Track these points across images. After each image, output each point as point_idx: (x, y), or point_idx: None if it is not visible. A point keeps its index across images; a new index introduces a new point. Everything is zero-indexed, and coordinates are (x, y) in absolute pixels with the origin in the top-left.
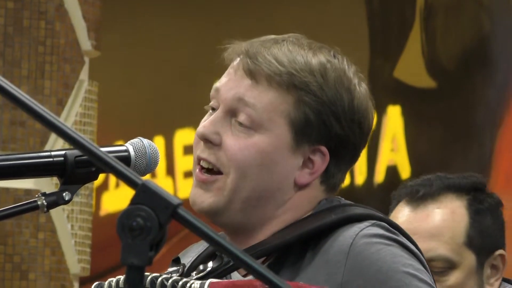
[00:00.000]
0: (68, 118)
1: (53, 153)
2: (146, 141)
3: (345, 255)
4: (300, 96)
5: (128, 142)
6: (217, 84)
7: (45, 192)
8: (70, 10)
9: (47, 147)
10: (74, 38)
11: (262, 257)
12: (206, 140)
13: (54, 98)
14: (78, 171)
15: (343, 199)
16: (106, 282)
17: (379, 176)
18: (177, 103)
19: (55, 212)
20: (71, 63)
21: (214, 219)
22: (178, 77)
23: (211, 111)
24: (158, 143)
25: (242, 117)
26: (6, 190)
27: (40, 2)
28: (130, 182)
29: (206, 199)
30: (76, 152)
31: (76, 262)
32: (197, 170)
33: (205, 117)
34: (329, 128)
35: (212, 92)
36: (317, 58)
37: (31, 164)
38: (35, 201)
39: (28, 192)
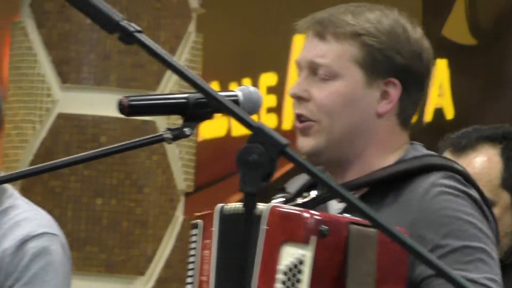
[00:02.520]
0: (179, 62)
1: (178, 95)
2: (252, 88)
3: (420, 198)
4: (363, 40)
5: (238, 88)
6: (297, 59)
7: (170, 128)
8: None
9: (160, 86)
10: None
11: (352, 190)
12: (298, 97)
13: (167, 46)
14: (197, 111)
15: (424, 148)
16: (227, 205)
17: (428, 116)
18: (262, 51)
19: None
20: (182, 18)
21: (316, 158)
22: (263, 30)
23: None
24: (246, 84)
25: (320, 72)
26: (126, 120)
27: None
28: (247, 124)
29: (308, 143)
30: (196, 95)
31: (182, 180)
32: (297, 123)
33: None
34: (393, 60)
35: (296, 66)
36: (373, 12)
37: (163, 104)
38: (162, 135)
39: (145, 122)
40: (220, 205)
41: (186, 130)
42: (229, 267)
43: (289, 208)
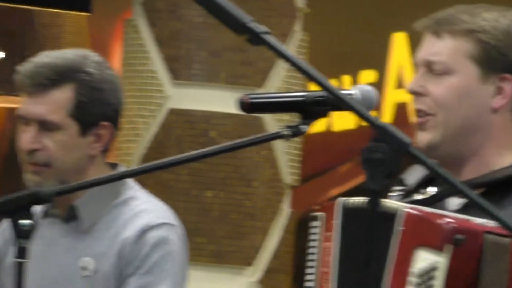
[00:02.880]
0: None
1: (296, 94)
2: (368, 86)
3: None
4: (478, 37)
5: (355, 87)
6: (415, 59)
7: (288, 125)
8: None
9: (268, 83)
10: None
11: (472, 188)
12: (415, 93)
13: None
14: (314, 109)
15: None
16: (351, 200)
17: None
18: (361, 48)
19: None
20: (288, 17)
21: (432, 153)
22: (363, 27)
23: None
24: (346, 81)
25: (436, 68)
26: (235, 115)
27: None
28: (371, 123)
29: (424, 137)
30: (313, 94)
31: (288, 174)
32: (416, 118)
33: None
34: (509, 58)
35: (414, 64)
36: (490, 12)
37: (282, 102)
38: (280, 132)
39: (253, 118)
40: (342, 198)
41: (303, 128)
42: (352, 261)
43: (425, 212)
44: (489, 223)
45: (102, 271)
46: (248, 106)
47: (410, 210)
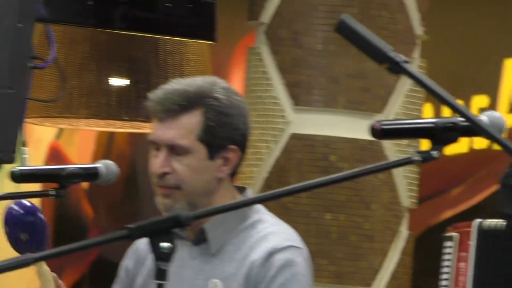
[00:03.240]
0: (404, 88)
1: (426, 120)
2: (496, 113)
3: None
4: None
5: (483, 113)
6: None
7: (419, 150)
8: (408, 4)
9: (386, 109)
10: (409, 26)
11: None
12: None
13: None
14: (444, 135)
15: None
16: (486, 221)
17: None
18: (474, 73)
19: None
20: (407, 44)
21: None
22: (475, 52)
23: None
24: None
25: None
26: (354, 140)
27: None
28: (508, 148)
29: None
30: (442, 120)
31: (406, 197)
32: None
33: None
34: None
35: None
36: None
37: (412, 129)
38: (411, 157)
39: (371, 143)
40: (477, 220)
41: (434, 153)
42: (488, 281)
43: None
44: None
45: None
46: (380, 132)
47: None
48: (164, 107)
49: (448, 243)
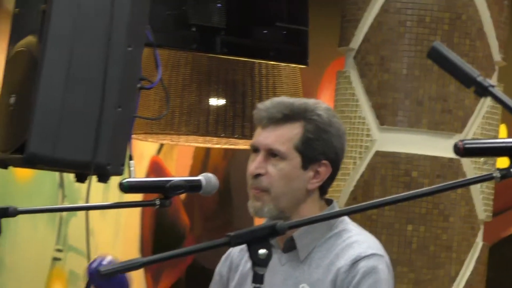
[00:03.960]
0: (482, 109)
1: (506, 140)
2: None
3: None
4: None
5: None
6: None
7: (499, 168)
8: (488, 32)
9: (465, 129)
10: (488, 53)
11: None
12: None
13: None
14: None
15: None
16: None
17: None
18: None
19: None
20: (486, 70)
21: None
22: None
23: None
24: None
25: None
26: (435, 158)
27: (466, 26)
28: None
29: None
30: None
31: (482, 211)
32: None
33: None
34: None
35: None
36: None
37: (493, 147)
38: (491, 174)
39: (451, 160)
40: None
41: None
42: None
43: None
44: None
45: None
46: (462, 151)
47: None
48: (269, 115)
49: None
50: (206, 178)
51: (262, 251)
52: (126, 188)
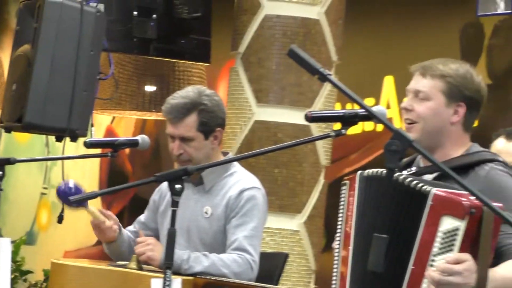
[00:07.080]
0: (324, 92)
1: (339, 111)
2: (381, 106)
3: (484, 177)
4: (446, 79)
5: (374, 106)
6: (408, 87)
7: (334, 129)
8: (328, 42)
9: (313, 106)
10: (329, 55)
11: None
12: (406, 109)
13: None
14: (349, 120)
15: (479, 146)
16: (366, 171)
17: None
18: (366, 85)
19: None
20: (327, 66)
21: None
22: (369, 72)
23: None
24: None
25: (420, 95)
26: (294, 124)
27: (314, 37)
28: (389, 128)
29: (412, 135)
30: (348, 111)
31: (324, 159)
32: (405, 124)
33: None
34: (463, 92)
35: (406, 91)
36: (454, 63)
37: (332, 116)
38: (329, 133)
39: (305, 126)
40: (360, 171)
41: (343, 131)
42: (367, 213)
43: (447, 192)
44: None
45: (216, 215)
46: (310, 119)
47: (437, 191)
48: (173, 115)
49: (343, 188)
50: (142, 138)
51: (177, 186)
52: (88, 145)
